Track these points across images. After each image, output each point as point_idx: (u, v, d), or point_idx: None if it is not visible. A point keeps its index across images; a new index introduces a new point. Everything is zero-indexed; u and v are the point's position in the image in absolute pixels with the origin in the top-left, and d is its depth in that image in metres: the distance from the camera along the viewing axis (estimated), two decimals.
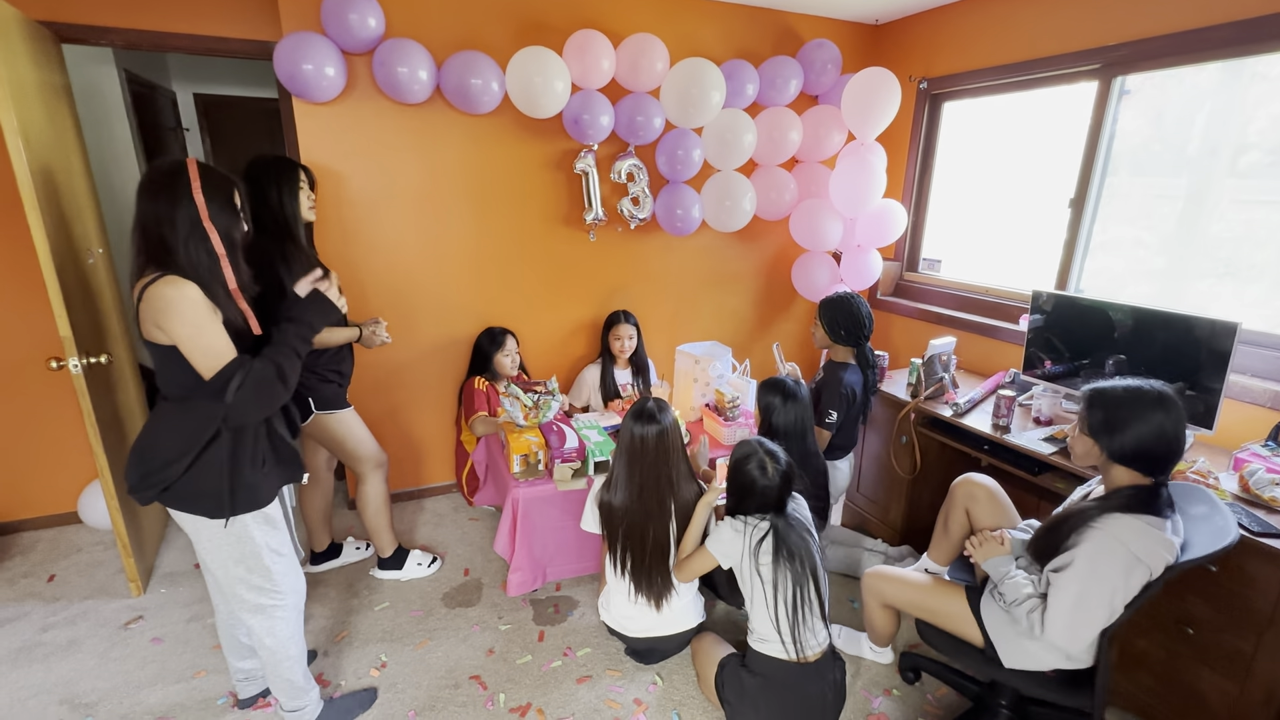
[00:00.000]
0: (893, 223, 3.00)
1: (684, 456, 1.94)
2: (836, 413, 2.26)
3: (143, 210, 1.34)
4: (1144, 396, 1.39)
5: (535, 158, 2.80)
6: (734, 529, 1.72)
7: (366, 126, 2.51)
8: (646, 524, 1.85)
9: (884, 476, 2.63)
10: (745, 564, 1.69)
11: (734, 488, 1.75)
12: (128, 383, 2.51)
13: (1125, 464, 1.42)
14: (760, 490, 1.69)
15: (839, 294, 2.38)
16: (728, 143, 2.81)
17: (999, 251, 2.99)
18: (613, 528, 1.89)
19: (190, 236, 1.35)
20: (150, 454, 1.42)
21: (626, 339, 2.89)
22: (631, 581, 1.88)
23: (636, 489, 1.85)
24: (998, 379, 2.56)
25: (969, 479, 1.95)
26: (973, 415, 2.30)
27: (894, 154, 3.15)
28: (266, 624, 1.58)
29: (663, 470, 1.85)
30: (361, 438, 2.28)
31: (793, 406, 2.07)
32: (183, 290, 1.32)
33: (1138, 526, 1.36)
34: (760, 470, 1.69)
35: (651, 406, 1.88)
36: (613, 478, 1.91)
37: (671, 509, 1.88)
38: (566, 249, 2.98)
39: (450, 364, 2.90)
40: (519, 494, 2.16)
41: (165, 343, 1.37)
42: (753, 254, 3.38)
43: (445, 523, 2.83)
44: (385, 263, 2.68)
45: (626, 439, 1.87)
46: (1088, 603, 1.39)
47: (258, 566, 1.53)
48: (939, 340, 2.43)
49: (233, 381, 1.37)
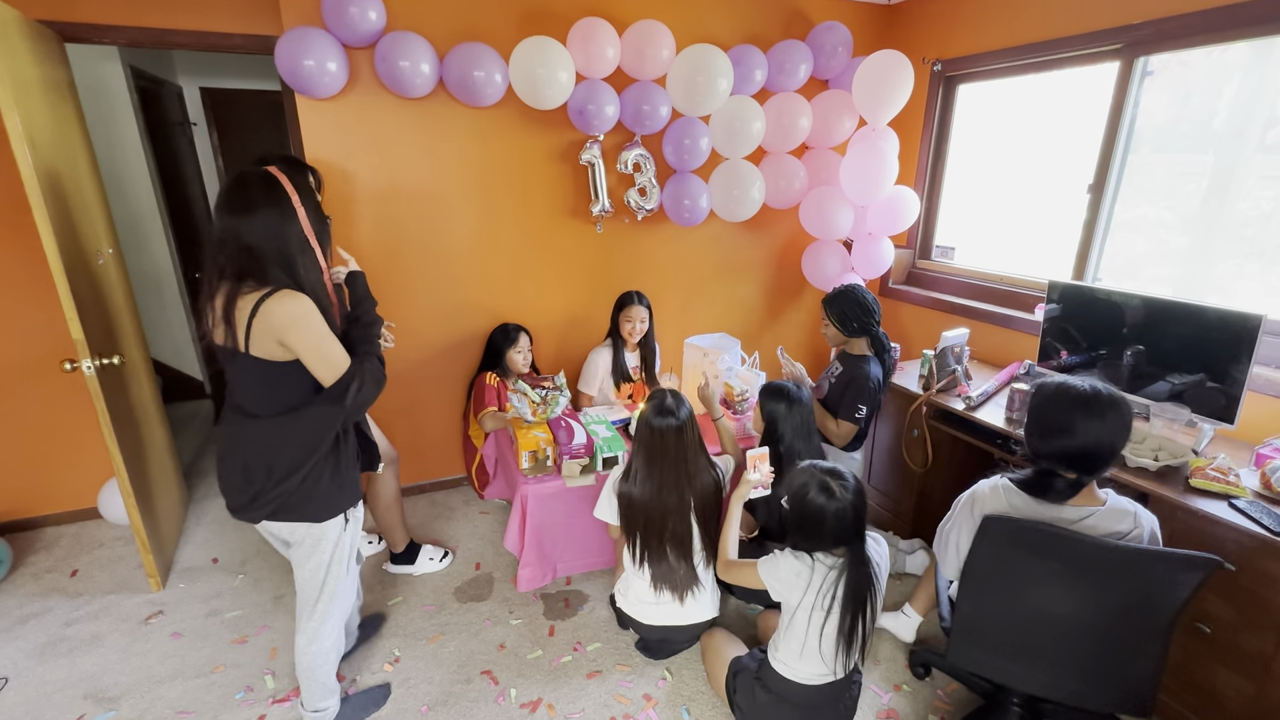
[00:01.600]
0: (905, 210, 2.94)
1: (701, 448, 1.93)
2: (866, 407, 2.24)
3: (238, 226, 1.33)
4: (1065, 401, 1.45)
5: (540, 150, 2.77)
6: (795, 571, 1.56)
7: (370, 122, 2.49)
8: (666, 519, 1.85)
9: (895, 469, 2.61)
10: (797, 601, 1.56)
11: (799, 522, 1.56)
12: (142, 381, 2.54)
13: (1029, 458, 1.55)
14: (834, 516, 1.50)
15: (839, 288, 2.35)
16: (736, 130, 2.76)
17: (1014, 239, 2.92)
18: (632, 520, 1.89)
19: (301, 253, 1.38)
20: (263, 473, 1.42)
21: (639, 322, 2.82)
22: (652, 576, 1.88)
23: (656, 485, 1.84)
24: (1011, 370, 2.52)
25: None
26: (986, 408, 2.27)
27: (906, 139, 3.07)
28: (317, 628, 1.62)
29: (681, 466, 1.85)
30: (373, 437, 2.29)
31: (798, 411, 2.05)
32: (303, 304, 1.34)
33: (993, 484, 1.57)
34: (825, 493, 1.50)
35: (670, 401, 1.87)
36: (632, 469, 1.89)
37: (690, 502, 1.87)
38: (573, 242, 2.96)
39: (459, 359, 2.90)
40: (527, 491, 2.16)
41: (284, 359, 1.36)
42: (762, 243, 3.33)
43: (456, 516, 2.85)
44: (390, 259, 2.67)
45: (645, 434, 1.86)
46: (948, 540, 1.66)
47: (340, 570, 1.59)
48: (952, 332, 2.39)
49: (353, 385, 1.40)
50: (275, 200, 1.35)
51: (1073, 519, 1.45)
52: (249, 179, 1.37)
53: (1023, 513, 1.48)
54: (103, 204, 2.48)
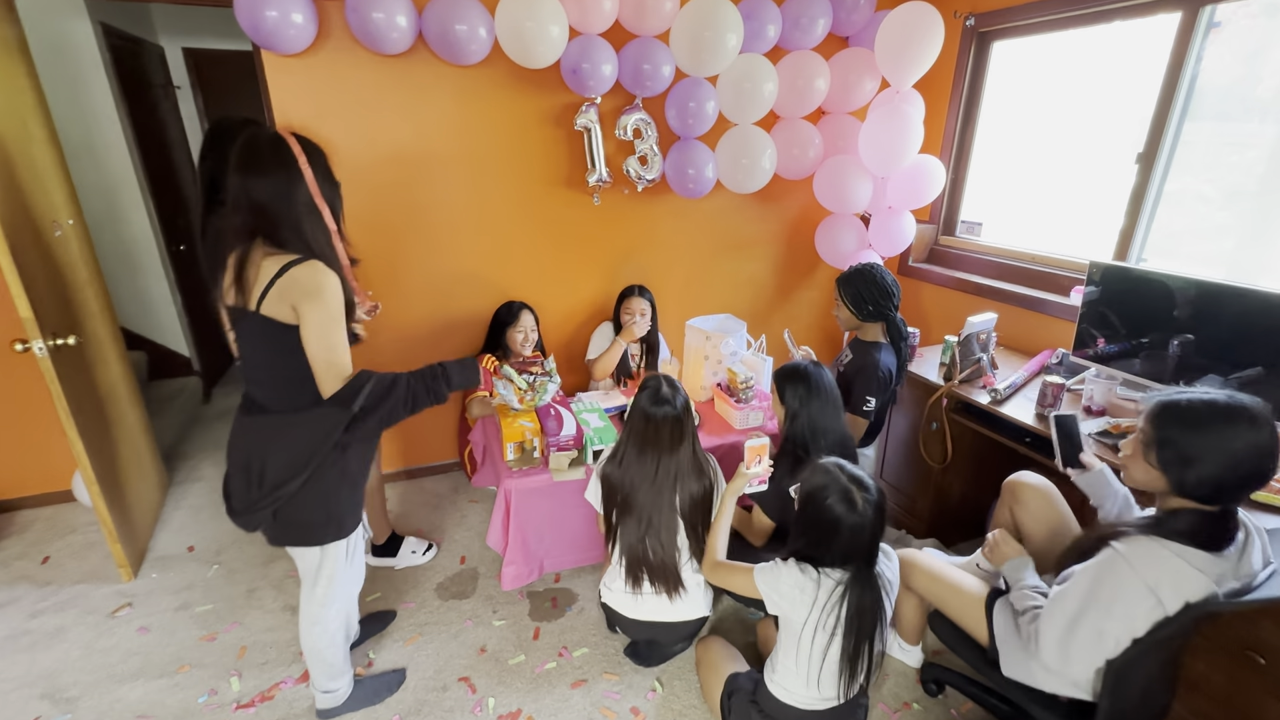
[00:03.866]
0: (929, 181, 2.69)
1: (695, 443, 1.77)
2: (875, 399, 2.05)
3: (250, 186, 1.31)
4: (1231, 417, 1.15)
5: (532, 113, 2.55)
6: (799, 584, 1.39)
7: (344, 81, 2.28)
8: (649, 510, 1.71)
9: (911, 464, 2.42)
10: (800, 619, 1.40)
11: (809, 528, 1.40)
12: (109, 360, 2.40)
13: (1191, 497, 1.21)
14: (849, 530, 1.33)
15: (856, 267, 2.14)
16: (745, 93, 2.52)
17: (1049, 215, 2.67)
18: (611, 503, 1.75)
19: (309, 215, 1.35)
20: (261, 473, 1.38)
21: (639, 315, 2.66)
22: (628, 565, 1.74)
23: (646, 474, 1.69)
24: (1042, 359, 2.31)
25: (1017, 481, 1.75)
26: (1014, 401, 2.07)
27: (933, 103, 2.81)
28: (319, 612, 1.58)
29: (672, 459, 1.70)
30: None
31: (820, 395, 1.83)
32: (330, 279, 1.33)
33: (1158, 553, 1.18)
34: (846, 504, 1.32)
35: (666, 389, 1.71)
36: (620, 453, 1.75)
37: (679, 499, 1.72)
38: (569, 214, 2.76)
39: (450, 338, 2.73)
40: (512, 485, 2.01)
41: (288, 321, 1.32)
42: (772, 217, 3.10)
43: (444, 505, 2.72)
44: (371, 233, 2.49)
45: (640, 420, 1.71)
46: (1081, 626, 1.24)
47: (338, 553, 1.54)
48: (977, 317, 2.18)
49: (364, 390, 1.35)
50: (277, 160, 1.33)
51: (1256, 567, 1.21)
52: (259, 140, 1.34)
53: (1217, 577, 1.19)
54: (61, 171, 2.31)
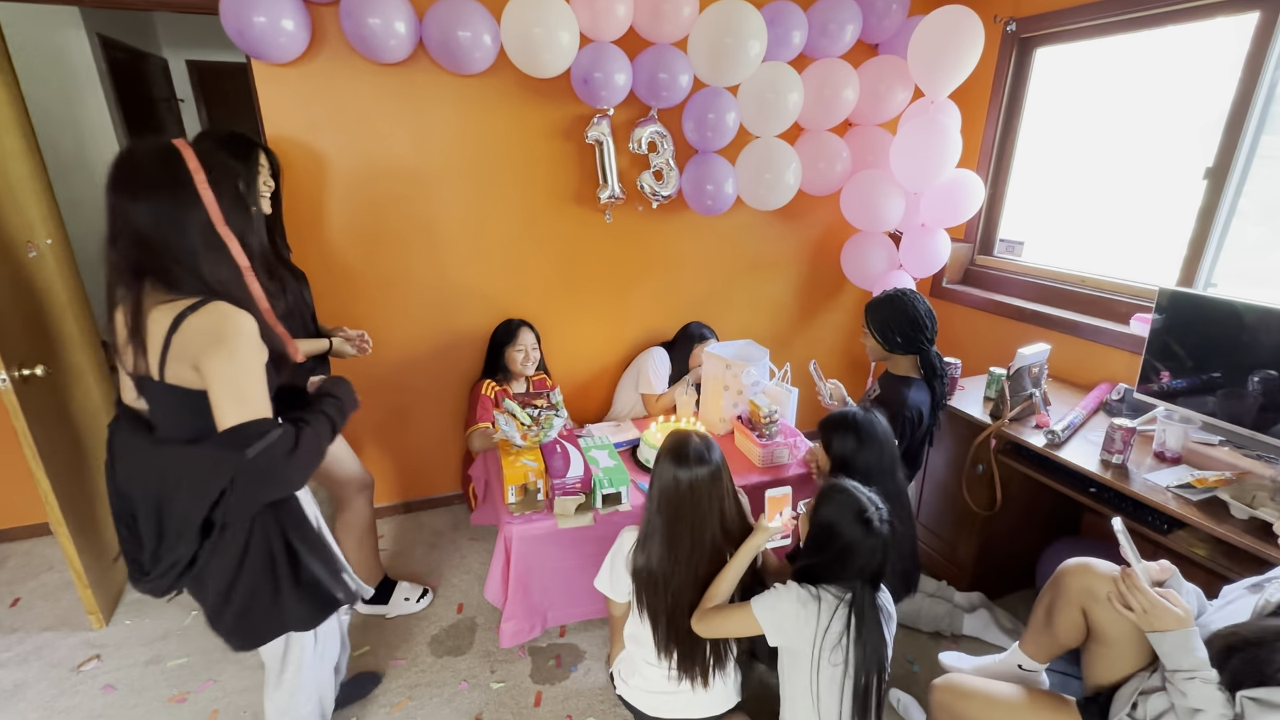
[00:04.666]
0: (966, 197, 2.50)
1: (735, 499, 1.55)
2: (898, 440, 1.83)
3: (128, 212, 1.03)
4: None
5: (540, 125, 2.39)
6: (802, 601, 1.34)
7: (340, 91, 2.14)
8: (695, 593, 1.48)
9: (952, 509, 2.20)
10: (806, 647, 1.32)
11: (821, 545, 1.36)
12: (89, 390, 2.25)
13: None
14: (865, 552, 1.31)
15: (886, 293, 1.93)
16: (769, 104, 2.35)
17: (1102, 233, 2.46)
18: (654, 602, 1.49)
19: (206, 247, 1.07)
20: (153, 521, 1.12)
21: (695, 365, 2.52)
22: (679, 665, 1.50)
23: (686, 552, 1.46)
24: (1099, 394, 2.09)
25: (1089, 570, 1.41)
26: (1073, 444, 1.85)
27: (970, 114, 2.62)
28: (287, 700, 1.41)
29: (713, 525, 1.47)
30: (342, 458, 1.97)
31: (872, 445, 1.62)
32: (238, 322, 1.06)
33: None
34: (863, 524, 1.30)
35: (698, 443, 1.47)
36: (648, 535, 1.50)
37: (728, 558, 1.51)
38: (579, 232, 2.58)
39: (452, 363, 2.56)
40: (512, 531, 1.82)
41: (195, 387, 1.06)
42: (795, 235, 2.92)
43: (442, 543, 2.53)
44: (367, 250, 2.33)
45: (670, 487, 1.45)
46: None
47: (305, 640, 1.36)
48: (1029, 349, 1.97)
49: (267, 439, 1.05)
50: (170, 180, 1.05)
51: None
52: (139, 153, 1.07)
53: None
54: (41, 186, 2.17)
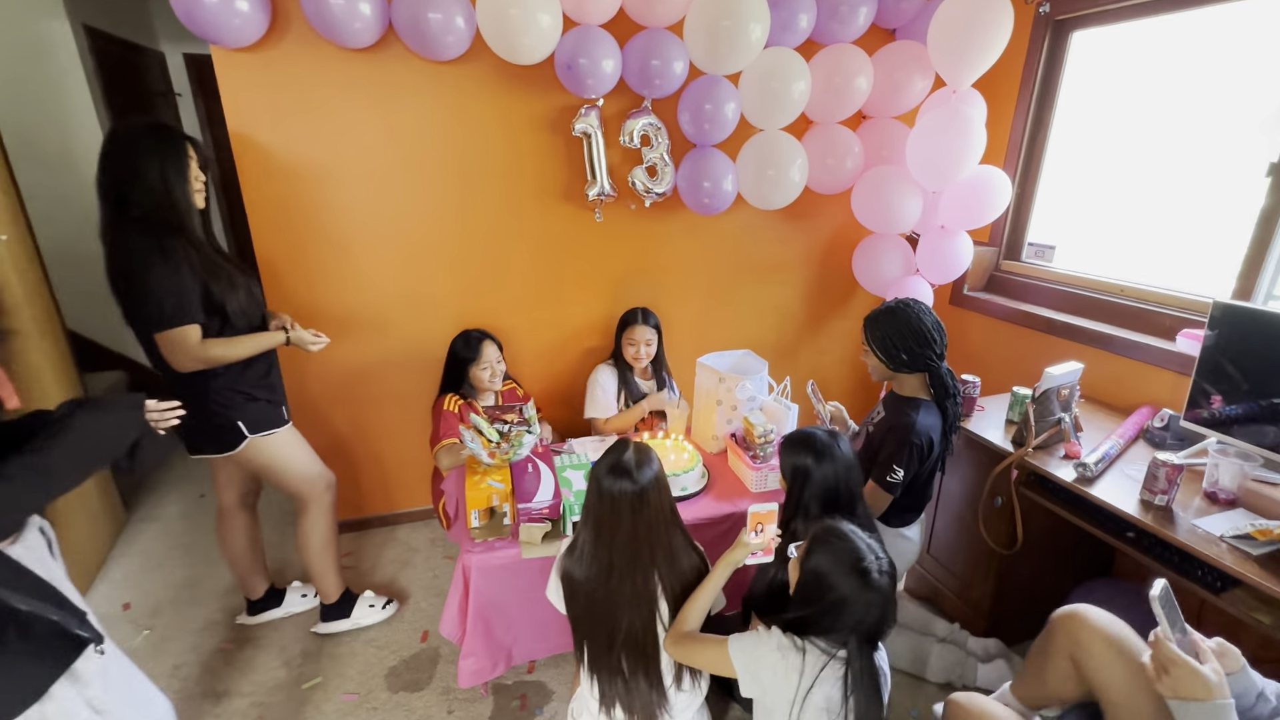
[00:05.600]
0: (991, 196, 2.26)
1: (675, 521, 1.41)
2: (904, 470, 1.62)
3: None
4: None
5: (523, 116, 2.22)
6: (783, 651, 1.18)
7: (306, 79, 2.00)
8: (618, 614, 1.34)
9: (967, 543, 1.98)
10: (783, 707, 1.17)
11: (812, 597, 1.18)
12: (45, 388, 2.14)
13: None
14: (861, 606, 1.13)
15: (888, 305, 1.71)
16: (773, 93, 2.15)
17: (1146, 238, 2.20)
18: (574, 610, 1.39)
19: None
20: None
21: (643, 344, 2.32)
22: (600, 693, 1.37)
23: (605, 566, 1.33)
24: (1138, 420, 1.85)
25: (1078, 619, 1.31)
26: (1108, 478, 1.61)
27: (996, 104, 2.38)
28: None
29: (643, 546, 1.33)
30: (303, 461, 1.86)
31: (829, 466, 1.46)
32: None
33: None
34: (859, 575, 1.12)
35: (630, 456, 1.34)
36: (579, 541, 1.40)
37: (659, 593, 1.36)
38: (566, 231, 2.41)
39: (429, 369, 2.39)
40: (472, 561, 1.65)
41: None
42: (802, 237, 2.71)
43: (416, 560, 2.38)
44: (338, 252, 2.19)
45: (594, 497, 1.35)
46: None
47: None
48: (1059, 369, 1.74)
49: None
50: None
51: None
52: None
53: None
54: (3, 180, 2.08)
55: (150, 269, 1.48)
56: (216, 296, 1.58)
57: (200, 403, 1.61)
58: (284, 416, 1.81)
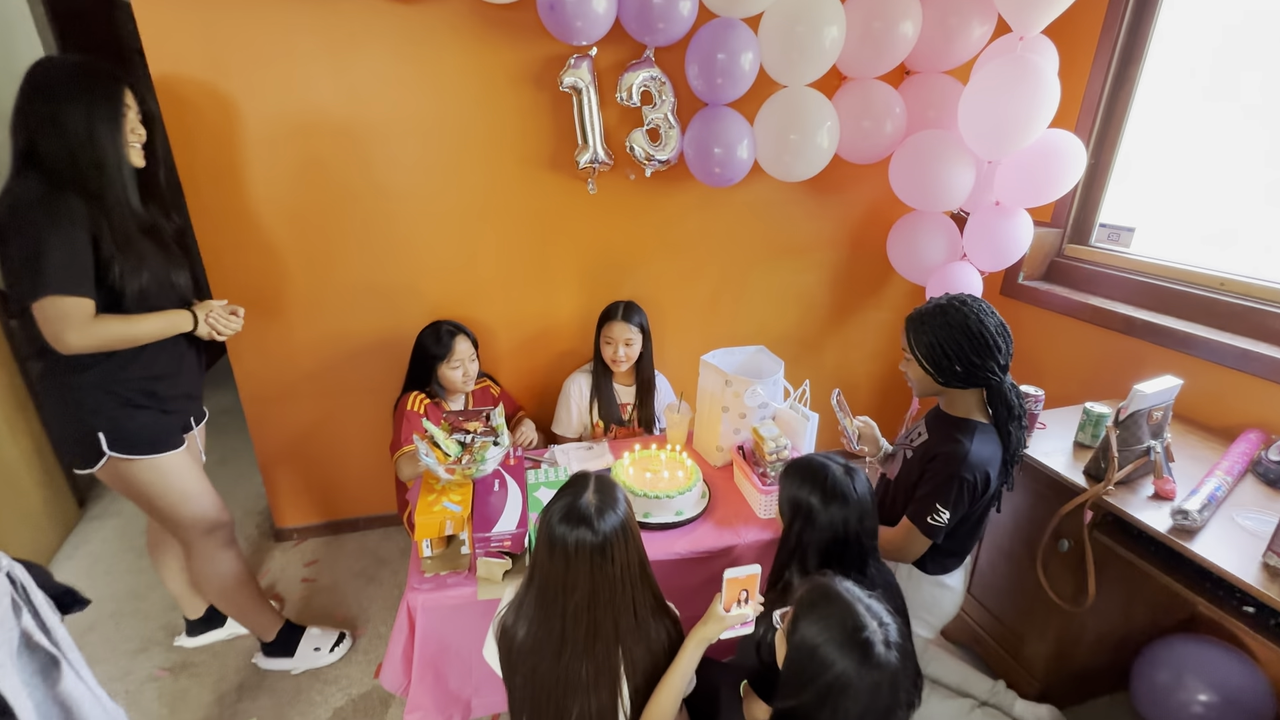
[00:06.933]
0: (1061, 167, 1.88)
1: (644, 579, 1.12)
2: (950, 511, 1.29)
3: None
4: None
5: (502, 68, 1.90)
6: None
7: (248, 23, 1.69)
8: (567, 701, 1.07)
9: (1019, 589, 1.65)
10: None
11: (802, 678, 0.93)
12: None
13: None
14: (864, 691, 0.88)
15: (937, 303, 1.35)
16: (798, 40, 1.80)
17: (1252, 221, 1.81)
18: (514, 682, 1.12)
19: None
20: None
21: (622, 344, 2.00)
22: None
23: (554, 638, 1.06)
24: (1247, 450, 1.49)
25: None
26: (1213, 526, 1.27)
27: (1070, 56, 1.97)
28: None
29: (603, 615, 1.05)
30: (183, 493, 1.49)
31: (838, 511, 1.15)
32: None
33: None
34: (858, 651, 0.88)
35: (590, 498, 1.05)
36: (522, 600, 1.13)
37: (620, 669, 1.09)
38: (552, 206, 2.10)
39: (393, 361, 2.12)
40: (417, 601, 1.38)
41: None
42: (830, 214, 2.35)
43: (383, 575, 2.13)
44: (293, 226, 1.91)
45: (543, 550, 1.07)
46: None
47: None
48: (1152, 385, 1.38)
49: None
50: None
51: None
52: None
53: None
54: None
55: (39, 225, 1.19)
56: (114, 276, 1.29)
57: (61, 399, 1.33)
58: (177, 438, 1.46)
